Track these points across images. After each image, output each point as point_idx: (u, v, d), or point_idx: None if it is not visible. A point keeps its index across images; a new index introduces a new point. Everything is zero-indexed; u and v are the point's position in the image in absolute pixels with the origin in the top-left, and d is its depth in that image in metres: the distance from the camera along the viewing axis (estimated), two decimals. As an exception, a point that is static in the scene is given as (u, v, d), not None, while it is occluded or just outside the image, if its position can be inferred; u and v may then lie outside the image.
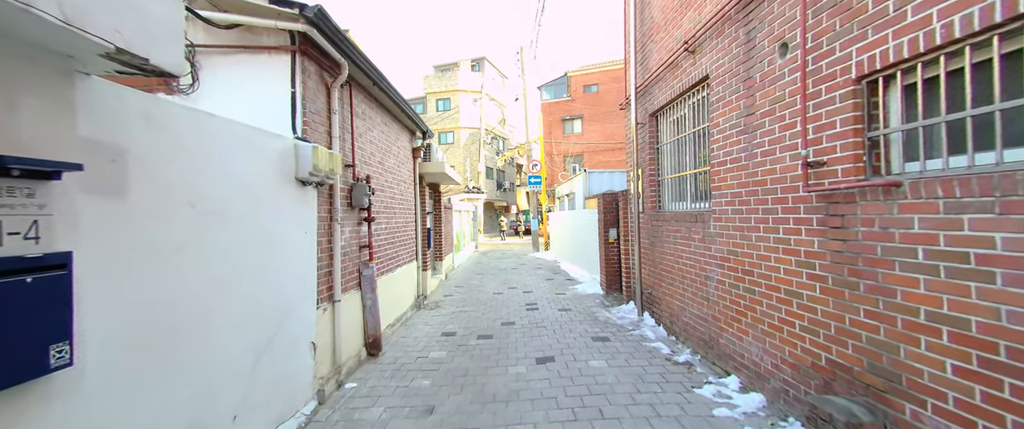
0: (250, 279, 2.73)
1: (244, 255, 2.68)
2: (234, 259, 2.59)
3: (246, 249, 2.70)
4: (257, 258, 2.81)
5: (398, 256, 6.42)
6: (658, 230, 5.46)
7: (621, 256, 7.80)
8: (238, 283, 2.61)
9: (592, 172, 11.59)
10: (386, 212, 5.83)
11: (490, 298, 8.17)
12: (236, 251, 2.61)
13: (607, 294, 7.99)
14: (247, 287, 2.70)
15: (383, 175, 5.75)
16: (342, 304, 4.13)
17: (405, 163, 7.10)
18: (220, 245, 2.48)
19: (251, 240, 2.76)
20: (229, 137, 2.60)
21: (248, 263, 2.72)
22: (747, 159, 3.43)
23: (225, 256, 2.51)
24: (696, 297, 4.43)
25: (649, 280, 5.82)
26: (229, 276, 2.53)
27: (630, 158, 6.57)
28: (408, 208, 7.18)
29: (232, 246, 2.58)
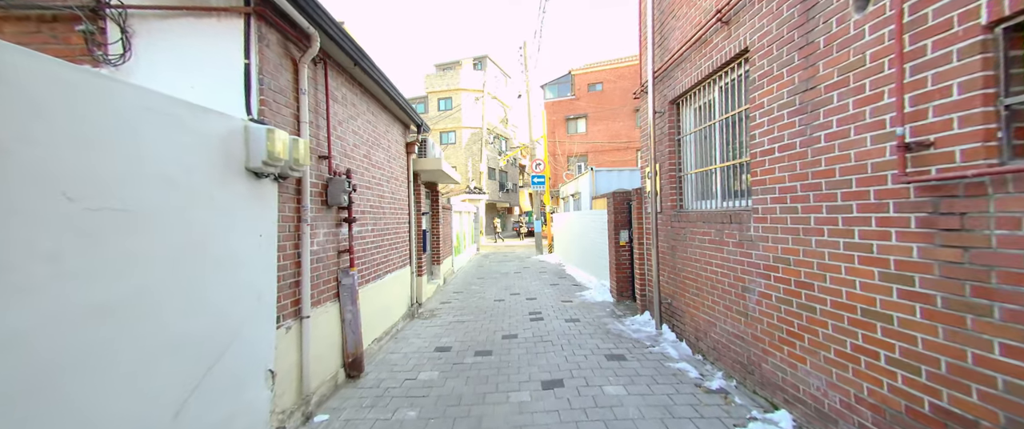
0: (172, 298, 2.10)
1: (162, 267, 2.04)
2: (145, 272, 1.95)
3: (165, 259, 2.07)
4: (184, 270, 2.17)
5: (388, 261, 5.79)
6: (680, 233, 4.80)
7: (634, 261, 7.14)
8: (152, 305, 1.98)
9: (599, 170, 10.95)
10: (372, 212, 5.20)
11: (491, 306, 7.52)
12: (148, 262, 1.98)
13: (618, 302, 7.33)
14: (167, 309, 2.06)
15: (369, 171, 5.12)
16: (313, 320, 3.49)
17: (397, 159, 6.47)
18: (121, 254, 1.84)
19: (174, 247, 2.12)
20: (138, 109, 1.96)
21: (168, 278, 2.08)
22: (805, 145, 2.78)
23: (129, 269, 1.88)
24: (730, 311, 3.76)
25: (669, 289, 5.16)
26: (135, 296, 1.90)
27: (645, 152, 5.92)
28: (400, 208, 6.54)
29: (142, 255, 1.94)
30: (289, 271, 3.21)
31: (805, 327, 2.83)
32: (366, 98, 5.14)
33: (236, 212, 2.59)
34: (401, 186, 6.66)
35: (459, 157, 32.31)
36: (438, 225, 9.78)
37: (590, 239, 9.97)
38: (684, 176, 5.00)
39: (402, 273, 6.51)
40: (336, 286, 4.07)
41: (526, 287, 9.42)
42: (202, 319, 2.29)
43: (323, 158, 3.82)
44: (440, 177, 8.84)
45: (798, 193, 2.85)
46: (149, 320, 1.96)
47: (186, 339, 2.16)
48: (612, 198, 7.42)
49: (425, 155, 7.77)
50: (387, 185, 5.86)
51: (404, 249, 6.68)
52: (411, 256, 7.04)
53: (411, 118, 6.66)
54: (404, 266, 6.67)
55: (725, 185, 4.12)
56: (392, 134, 6.25)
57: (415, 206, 7.63)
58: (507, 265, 13.80)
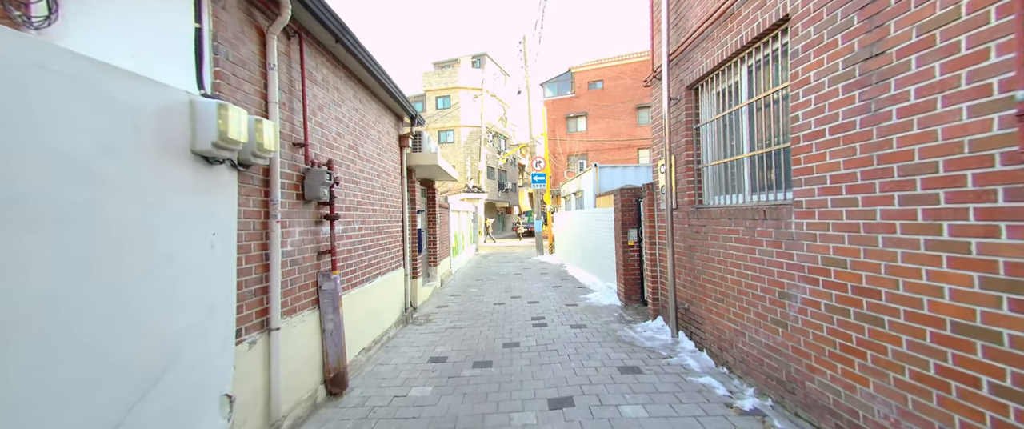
0: (80, 317, 1.62)
1: (63, 276, 1.57)
2: (38, 283, 1.48)
3: (70, 265, 1.59)
4: (99, 280, 1.70)
5: (378, 263, 5.31)
6: (699, 231, 4.33)
7: (643, 261, 6.67)
8: (47, 325, 1.50)
9: (603, 167, 10.49)
10: (360, 209, 4.72)
11: (490, 310, 7.05)
12: (42, 269, 1.50)
13: (626, 306, 6.86)
14: (74, 330, 1.59)
15: (355, 163, 4.65)
16: (286, 332, 3.02)
17: (389, 152, 6.00)
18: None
19: (84, 250, 1.65)
20: (28, 66, 1.49)
21: (73, 289, 1.60)
22: (868, 123, 2.31)
23: (14, 278, 1.41)
24: (763, 320, 3.30)
25: (686, 293, 4.69)
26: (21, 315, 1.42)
27: (657, 144, 5.45)
28: (392, 205, 6.07)
29: (33, 261, 1.47)
30: (254, 276, 2.74)
31: (868, 342, 2.36)
32: (352, 83, 4.67)
33: (178, 205, 2.12)
34: (393, 182, 6.19)
35: (458, 156, 31.83)
36: (435, 224, 9.31)
37: (594, 239, 9.51)
38: (703, 169, 4.54)
39: (394, 276, 6.04)
40: (315, 292, 3.60)
41: (527, 289, 8.95)
42: (126, 340, 1.81)
43: (299, 146, 3.34)
44: (437, 174, 8.37)
45: (858, 182, 2.38)
46: (39, 346, 1.48)
47: (101, 367, 1.69)
48: (619, 195, 6.95)
49: (420, 149, 7.30)
50: (377, 180, 5.38)
51: (397, 250, 6.21)
52: (405, 257, 6.57)
53: (404, 108, 6.19)
54: (397, 268, 6.20)
55: (755, 177, 3.65)
56: (383, 125, 5.78)
57: (409, 204, 7.16)
58: (507, 266, 13.33)
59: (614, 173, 10.58)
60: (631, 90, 28.95)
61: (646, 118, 28.60)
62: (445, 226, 11.21)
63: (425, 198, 9.11)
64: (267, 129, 2.62)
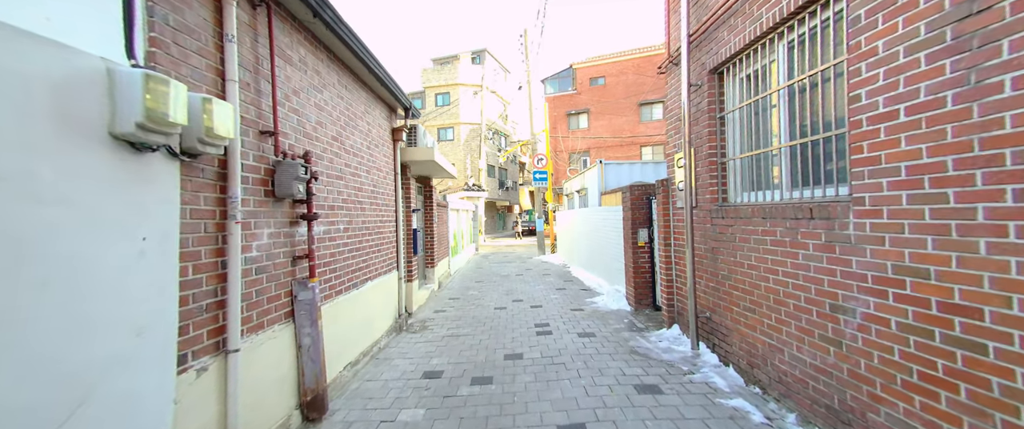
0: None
1: None
2: None
3: None
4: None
5: (368, 266, 4.85)
6: (724, 232, 3.87)
7: (656, 263, 6.21)
8: None
9: (609, 163, 10.02)
10: (346, 208, 4.26)
11: (490, 316, 6.59)
12: None
13: (636, 311, 6.39)
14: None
15: (340, 157, 4.18)
16: (249, 353, 2.56)
17: (380, 146, 5.53)
18: None
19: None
20: None
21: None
22: (964, 99, 1.84)
23: None
24: (808, 336, 2.83)
25: (708, 300, 4.23)
26: None
27: (672, 136, 4.98)
28: (385, 204, 5.61)
29: None
30: (206, 288, 2.27)
31: (962, 373, 1.89)
32: (336, 66, 4.19)
33: (89, 202, 1.65)
34: (386, 178, 5.72)
35: (457, 154, 31.36)
36: (432, 224, 8.85)
37: (600, 239, 9.05)
38: (728, 163, 4.07)
39: (387, 280, 5.58)
40: (290, 302, 3.13)
41: (529, 292, 8.49)
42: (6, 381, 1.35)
43: (268, 134, 2.88)
44: (434, 170, 7.90)
45: (949, 173, 1.91)
46: None
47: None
48: (629, 192, 6.48)
49: (415, 143, 6.83)
50: (366, 176, 4.92)
51: (389, 251, 5.75)
52: (399, 259, 6.11)
53: (397, 99, 5.72)
54: (390, 271, 5.73)
55: (795, 170, 3.18)
56: (373, 116, 5.31)
57: (404, 202, 6.69)
58: (508, 267, 12.87)
59: (620, 169, 10.11)
60: (634, 86, 28.47)
61: (649, 115, 28.12)
62: (443, 225, 10.75)
63: (422, 196, 8.65)
64: (220, 111, 2.15)
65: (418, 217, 8.14)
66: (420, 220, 8.37)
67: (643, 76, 28.25)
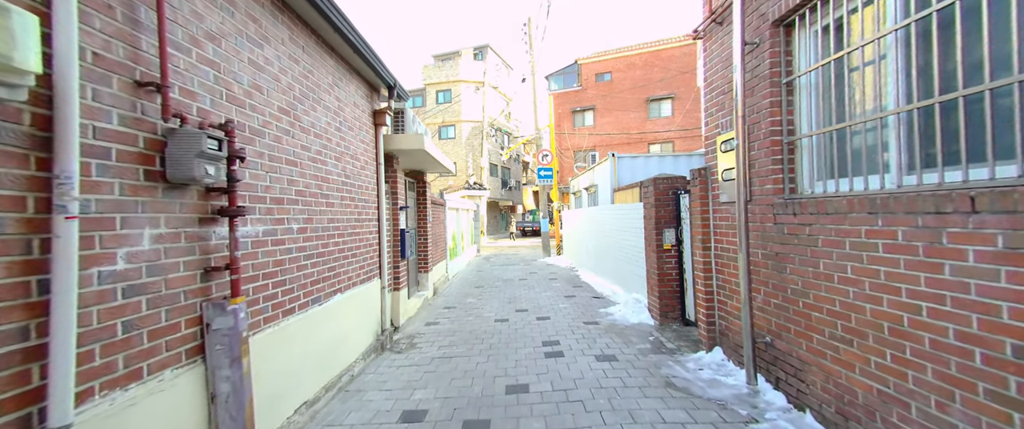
0: None
1: None
2: None
3: None
4: None
5: (337, 276, 3.92)
6: (797, 233, 2.91)
7: (686, 270, 5.24)
8: None
9: (623, 156, 9.06)
10: (302, 202, 3.32)
11: (490, 330, 5.64)
12: None
13: (662, 325, 5.43)
14: None
15: (293, 136, 3.24)
16: (102, 423, 1.62)
17: (356, 129, 4.60)
18: None
19: None
20: None
21: None
22: None
23: None
24: (963, 390, 1.87)
25: (769, 321, 3.27)
26: None
27: (713, 113, 4.03)
28: (363, 199, 4.68)
29: None
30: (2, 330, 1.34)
31: None
32: (286, 19, 3.25)
33: None
34: (364, 169, 4.79)
35: (459, 153, 30.46)
36: (426, 224, 7.91)
37: (613, 240, 8.08)
38: (798, 142, 3.11)
39: (365, 290, 4.64)
40: (198, 334, 2.20)
41: (535, 300, 7.53)
42: None
43: (150, 87, 1.94)
44: (426, 163, 6.97)
45: None
46: None
47: None
48: (653, 187, 5.52)
49: (403, 130, 5.90)
50: (335, 163, 3.99)
51: (369, 256, 4.82)
52: (382, 265, 5.17)
53: (379, 75, 4.79)
54: (369, 279, 4.80)
55: (917, 144, 2.22)
56: (345, 92, 4.37)
57: (389, 198, 5.76)
58: (510, 270, 11.91)
59: (635, 163, 9.14)
60: (641, 82, 27.49)
61: (658, 111, 27.13)
62: (440, 226, 9.81)
63: (414, 193, 7.72)
64: (19, 26, 1.22)
65: (410, 216, 7.21)
66: (412, 219, 7.44)
67: (651, 72, 27.27)
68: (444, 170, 7.95)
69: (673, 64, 26.67)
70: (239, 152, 2.37)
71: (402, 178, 6.48)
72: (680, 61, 26.62)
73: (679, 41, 26.87)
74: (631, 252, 7.02)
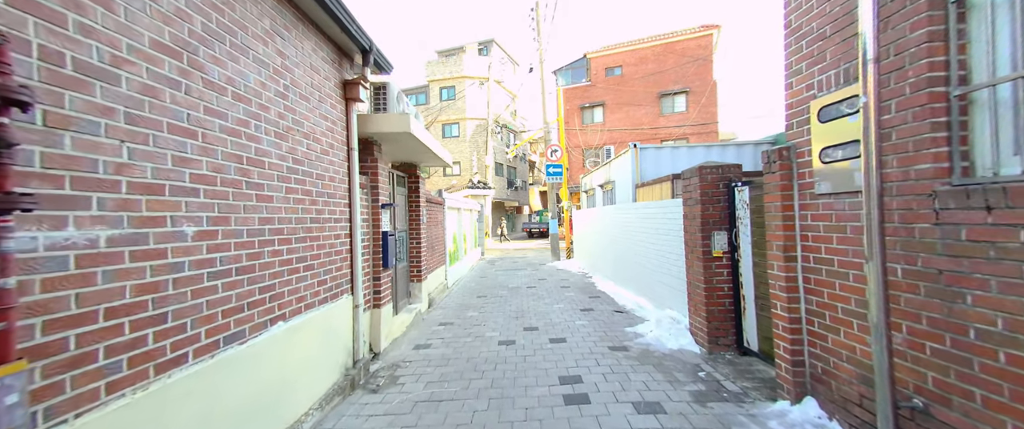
0: None
1: None
2: None
3: None
4: None
5: (278, 297, 2.80)
6: (988, 240, 1.75)
7: (744, 284, 4.07)
8: None
9: (646, 147, 7.86)
10: (207, 194, 2.21)
11: (493, 357, 4.51)
12: None
13: (712, 354, 4.27)
14: None
15: (186, 91, 2.12)
16: None
17: (316, 103, 3.48)
18: None
19: None
20: None
21: None
22: None
23: None
24: None
25: (922, 375, 2.11)
26: None
27: (797, 71, 2.88)
28: (326, 193, 3.56)
29: None
30: None
31: None
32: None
33: None
34: (330, 155, 3.68)
35: (463, 151, 29.39)
36: (419, 225, 6.80)
37: (637, 244, 6.92)
38: (978, 95, 1.95)
39: (327, 313, 3.53)
40: None
41: (546, 314, 6.39)
42: None
43: None
44: (417, 153, 5.85)
45: None
46: None
47: None
48: (698, 178, 4.36)
49: (385, 109, 4.78)
50: (276, 142, 2.87)
51: (335, 267, 3.71)
52: (354, 278, 4.06)
53: (348, 33, 3.67)
54: (335, 297, 3.69)
55: None
56: (296, 48, 3.26)
57: (367, 193, 4.65)
58: (517, 276, 10.77)
59: (660, 155, 7.96)
60: (653, 76, 26.25)
61: (671, 106, 25.87)
62: (437, 227, 8.70)
63: (405, 188, 6.61)
64: None
65: (398, 216, 6.10)
66: (402, 220, 6.33)
67: (664, 65, 26.04)
68: (440, 163, 6.84)
69: (687, 56, 25.42)
70: (18, 92, 1.26)
71: (386, 170, 5.38)
72: (694, 53, 25.36)
73: (693, 32, 25.61)
74: (662, 259, 5.86)
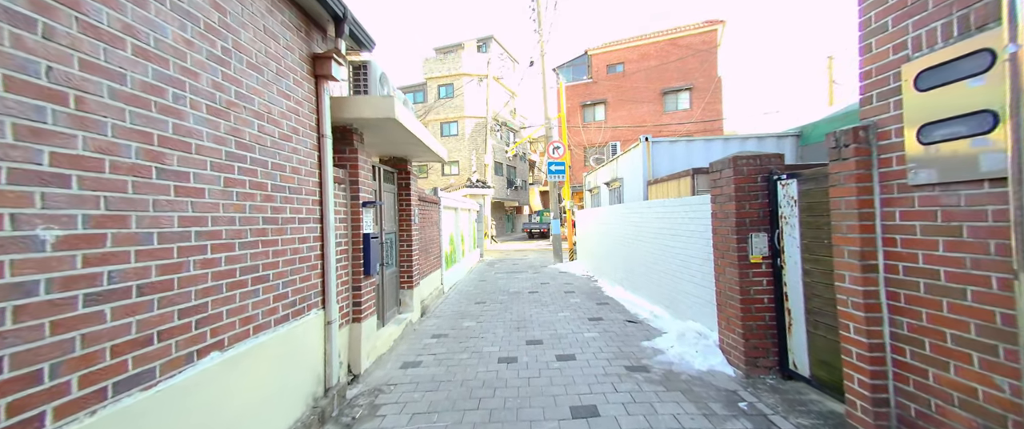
0: None
1: None
2: None
3: None
4: None
5: (211, 321, 2.15)
6: None
7: (789, 295, 3.41)
8: None
9: (659, 141, 7.20)
10: (81, 184, 1.55)
11: (491, 379, 3.87)
12: None
13: (751, 377, 3.62)
14: None
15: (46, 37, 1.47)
16: None
17: (271, 75, 2.83)
18: None
19: None
20: None
21: None
22: None
23: None
24: None
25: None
26: None
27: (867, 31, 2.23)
28: (286, 187, 2.91)
29: None
30: None
31: None
32: None
33: None
34: (293, 142, 3.04)
35: (462, 150, 28.75)
36: (412, 226, 6.15)
37: (652, 246, 6.28)
38: None
39: (287, 335, 2.87)
40: None
41: (550, 324, 5.74)
42: None
43: None
44: (407, 145, 5.21)
45: None
46: None
47: None
48: (731, 169, 3.72)
49: (366, 91, 4.14)
50: (210, 120, 2.22)
51: (305, 275, 3.05)
52: (326, 290, 3.41)
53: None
54: (298, 314, 3.04)
55: None
56: (242, 5, 2.60)
57: (344, 189, 4.01)
58: (518, 279, 10.12)
59: (675, 150, 7.30)
60: (656, 73, 25.63)
61: (674, 104, 25.26)
62: (432, 228, 8.05)
63: (394, 185, 5.96)
64: None
65: (386, 216, 5.45)
66: (391, 220, 5.68)
67: (667, 61, 25.42)
68: (434, 157, 6.19)
69: (691, 53, 24.79)
70: None
71: (370, 163, 4.73)
72: (699, 49, 24.73)
73: (697, 27, 24.98)
74: (683, 263, 5.21)
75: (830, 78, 16.33)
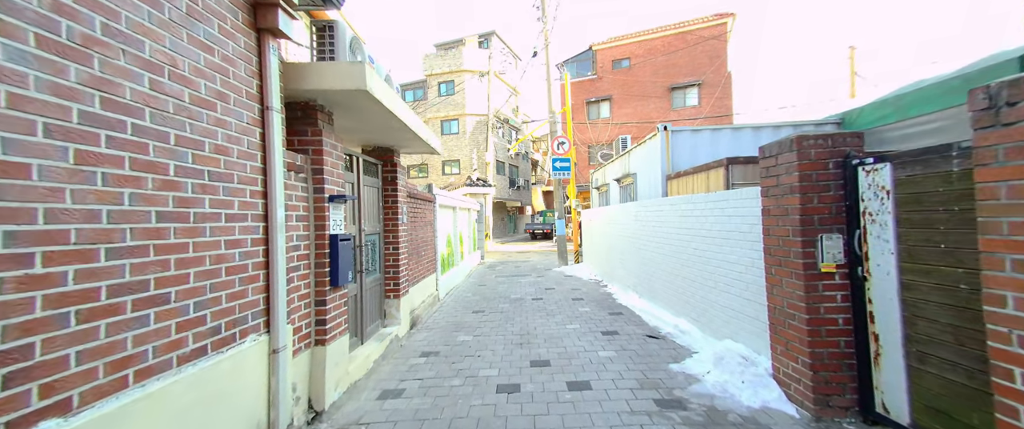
0: None
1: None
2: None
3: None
4: None
5: (41, 375, 1.35)
6: None
7: (876, 313, 2.59)
8: None
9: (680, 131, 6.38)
10: None
11: (486, 416, 3.07)
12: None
13: (820, 418, 2.81)
14: None
15: None
16: None
17: (179, 14, 2.04)
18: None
19: None
20: None
21: None
22: None
23: None
24: None
25: None
26: None
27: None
28: (211, 171, 2.12)
29: None
30: None
31: None
32: None
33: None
34: (221, 111, 2.25)
35: (463, 149, 27.97)
36: (398, 226, 5.35)
37: (672, 249, 5.46)
38: None
39: (214, 372, 2.08)
40: None
41: (558, 339, 4.93)
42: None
43: None
44: (388, 128, 4.42)
45: None
46: None
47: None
48: (795, 154, 2.91)
49: (332, 57, 3.35)
50: (34, 61, 1.44)
51: (237, 290, 2.27)
52: (273, 306, 2.62)
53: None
54: (233, 342, 2.25)
55: None
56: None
57: (304, 179, 3.22)
58: (520, 284, 9.31)
59: (698, 140, 6.48)
60: (663, 68, 24.80)
61: (682, 100, 24.43)
62: (426, 228, 7.26)
63: (377, 179, 5.17)
64: None
65: (367, 214, 4.66)
66: (374, 220, 4.89)
67: (675, 56, 24.58)
68: (425, 147, 5.41)
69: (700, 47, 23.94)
70: None
71: (340, 149, 3.94)
72: (707, 43, 23.88)
73: (706, 21, 24.13)
74: (717, 270, 4.40)
75: (852, 70, 15.48)
